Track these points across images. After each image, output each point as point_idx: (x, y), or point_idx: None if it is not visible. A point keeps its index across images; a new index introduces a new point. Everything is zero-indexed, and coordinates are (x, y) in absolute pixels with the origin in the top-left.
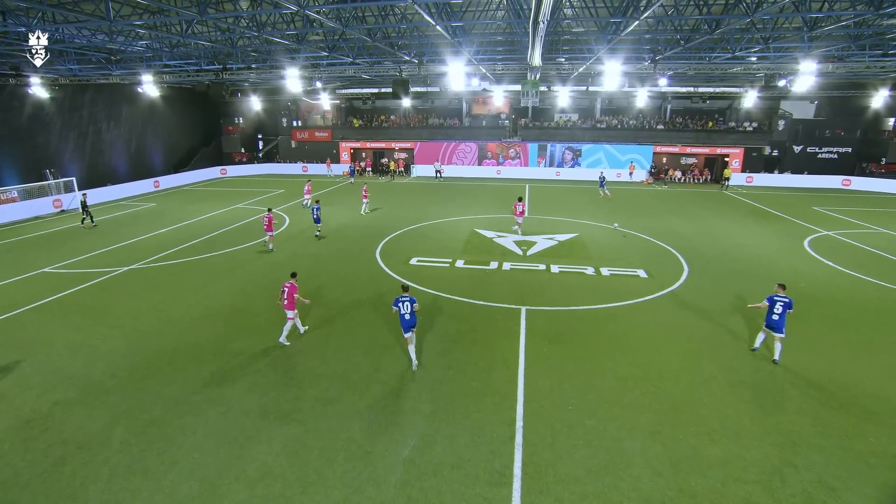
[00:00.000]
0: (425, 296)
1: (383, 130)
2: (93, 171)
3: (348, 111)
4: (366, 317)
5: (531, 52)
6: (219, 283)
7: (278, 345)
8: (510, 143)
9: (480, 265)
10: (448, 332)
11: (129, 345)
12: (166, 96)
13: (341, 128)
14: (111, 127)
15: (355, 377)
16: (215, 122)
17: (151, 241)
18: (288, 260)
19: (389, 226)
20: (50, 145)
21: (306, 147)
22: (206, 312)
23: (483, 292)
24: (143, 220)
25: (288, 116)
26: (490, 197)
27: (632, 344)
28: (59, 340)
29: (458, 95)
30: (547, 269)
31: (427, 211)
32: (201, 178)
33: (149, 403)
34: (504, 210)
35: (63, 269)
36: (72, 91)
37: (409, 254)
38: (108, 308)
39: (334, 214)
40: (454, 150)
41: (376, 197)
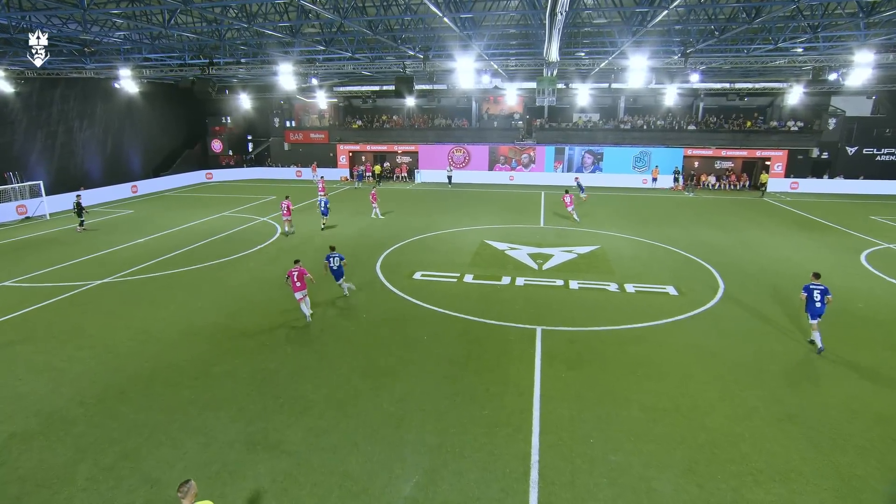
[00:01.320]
0: (430, 314)
1: (385, 132)
2: (63, 175)
3: (347, 111)
4: (364, 337)
5: (548, 47)
6: (202, 299)
7: (266, 368)
8: (524, 145)
9: (491, 280)
10: (455, 355)
11: (101, 367)
12: (146, 93)
13: (339, 129)
14: (84, 126)
15: (352, 403)
16: (200, 122)
17: (128, 252)
18: (278, 275)
19: (391, 236)
20: (14, 145)
21: (301, 150)
22: (188, 331)
23: (494, 310)
24: (120, 229)
25: (280, 116)
26: (502, 205)
27: (661, 370)
28: (20, 363)
29: (468, 94)
30: (565, 285)
31: (433, 220)
32: (184, 183)
33: (120, 434)
34: (517, 220)
35: (27, 282)
36: (40, 86)
37: (412, 267)
38: (77, 326)
39: (328, 226)
40: (467, 154)
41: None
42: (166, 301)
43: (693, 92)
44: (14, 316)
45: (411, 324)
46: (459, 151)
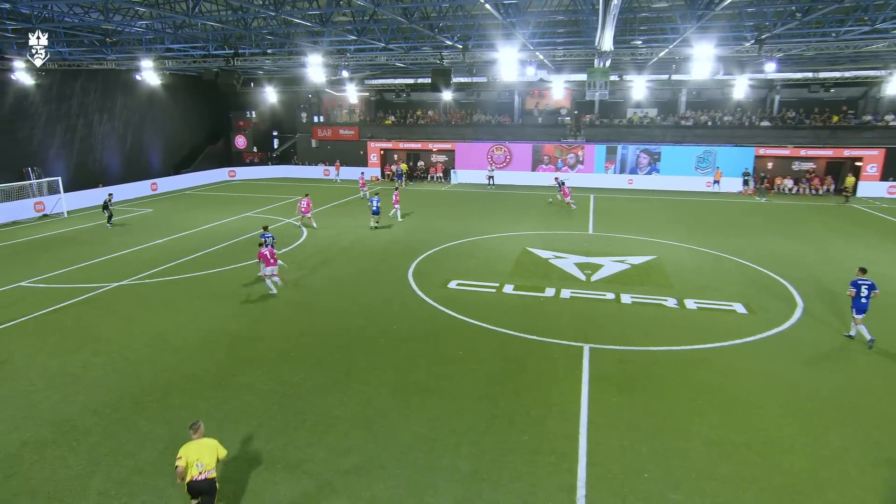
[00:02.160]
0: (466, 327)
1: (419, 128)
2: (81, 171)
3: (378, 105)
4: (394, 350)
5: (600, 35)
6: (223, 305)
7: (288, 381)
8: (572, 144)
9: (533, 291)
10: (493, 373)
11: (116, 375)
12: (168, 85)
13: (370, 125)
14: (104, 120)
15: (380, 422)
16: (224, 117)
17: (146, 254)
18: (304, 280)
19: (425, 241)
20: (33, 140)
21: (329, 147)
22: (207, 339)
23: (536, 324)
24: (138, 229)
25: (308, 111)
26: (546, 209)
27: (728, 398)
28: (34, 368)
29: (510, 87)
30: (616, 299)
31: (470, 224)
32: (206, 181)
33: (135, 446)
34: (563, 225)
35: (43, 283)
36: (60, 77)
37: (447, 275)
38: (93, 330)
39: (357, 227)
40: (508, 153)
41: (408, 207)
42: (185, 306)
43: (767, 83)
44: (30, 318)
45: (445, 337)
46: (500, 150)
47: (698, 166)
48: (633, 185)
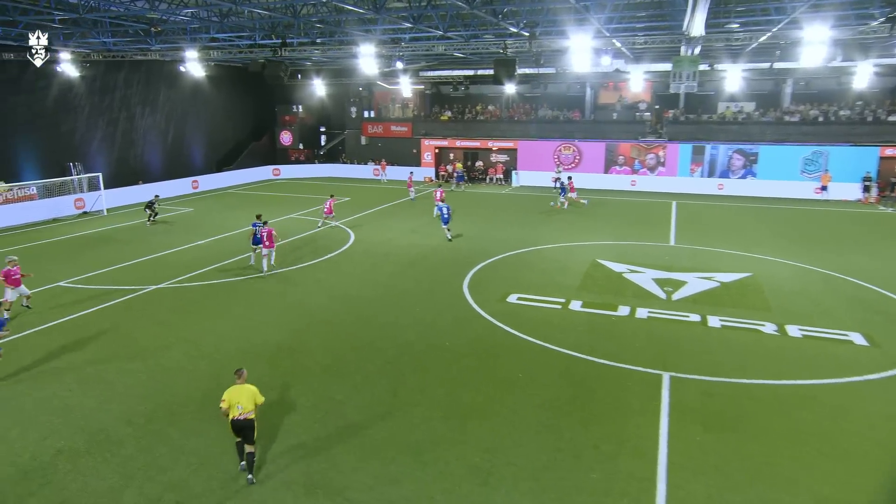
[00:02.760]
0: (527, 346)
1: (478, 125)
2: (121, 166)
3: (434, 100)
4: (446, 369)
5: (690, 18)
6: (264, 313)
7: (332, 398)
8: (651, 143)
9: (605, 309)
10: (557, 399)
11: (151, 383)
12: (213, 77)
13: (424, 121)
14: (146, 113)
15: (430, 449)
16: (269, 111)
17: (186, 255)
18: (350, 289)
19: (482, 250)
20: (76, 134)
21: (379, 144)
22: (247, 348)
23: (608, 347)
24: (178, 229)
25: (358, 105)
26: (620, 217)
27: (844, 446)
28: (70, 372)
29: (581, 79)
30: (702, 322)
31: (533, 232)
32: (249, 180)
33: (169, 461)
34: (639, 235)
35: (81, 283)
36: (104, 69)
37: (507, 288)
38: (129, 335)
39: (407, 233)
40: (577, 152)
41: (463, 213)
42: (223, 313)
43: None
44: (66, 320)
45: (504, 356)
46: (568, 149)
47: (805, 169)
48: (723, 191)
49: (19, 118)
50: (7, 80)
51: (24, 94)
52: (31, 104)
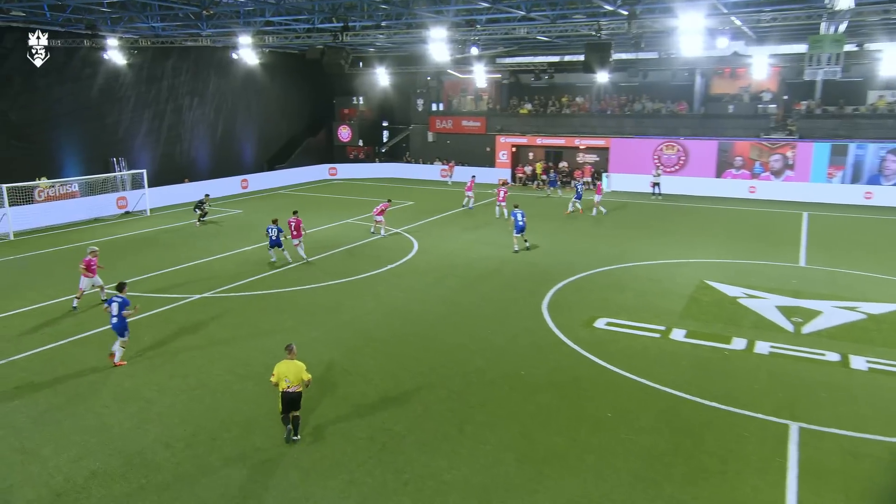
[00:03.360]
0: (618, 381)
1: (563, 119)
2: (167, 163)
3: (512, 90)
4: (521, 403)
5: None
6: (316, 328)
7: (389, 429)
8: (777, 141)
9: (715, 341)
10: (655, 447)
11: (192, 404)
12: (267, 65)
13: (500, 115)
14: (194, 104)
15: (500, 496)
16: (327, 104)
17: (232, 262)
18: (412, 305)
19: (564, 265)
20: (120, 127)
21: (448, 141)
22: None
23: (719, 387)
24: (226, 233)
25: (426, 98)
26: (736, 230)
27: None
28: (107, 387)
29: (690, 65)
30: (843, 362)
31: (627, 245)
32: (303, 179)
33: (208, 492)
34: (760, 253)
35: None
36: (151, 56)
37: (594, 311)
38: (170, 349)
39: (477, 243)
40: (683, 152)
41: (543, 221)
42: (272, 327)
43: None
44: (103, 330)
45: (589, 391)
46: (671, 149)
47: None
48: (872, 201)
49: (64, 109)
50: (53, 68)
51: (69, 82)
52: (76, 94)
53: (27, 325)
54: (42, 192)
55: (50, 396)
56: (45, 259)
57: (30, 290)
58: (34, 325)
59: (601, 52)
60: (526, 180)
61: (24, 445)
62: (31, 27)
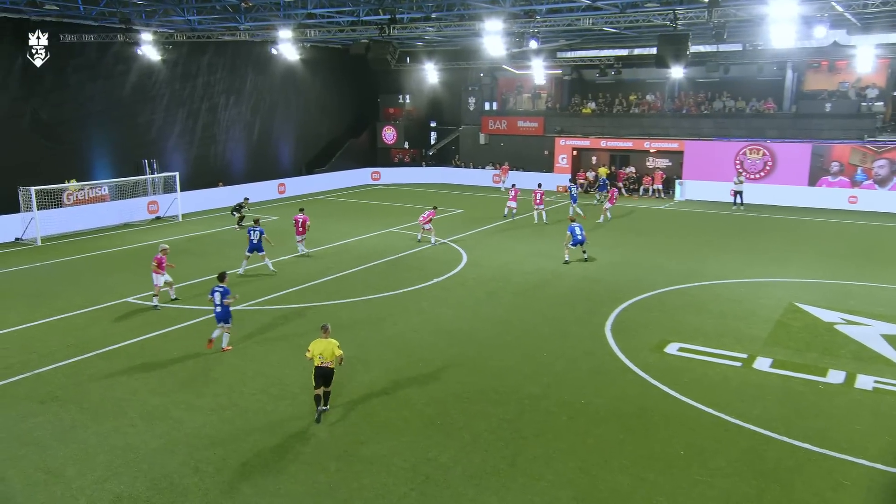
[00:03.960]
0: (692, 414)
1: (631, 120)
2: (200, 166)
3: (574, 88)
4: (580, 435)
5: None
6: (356, 346)
7: (434, 459)
8: (884, 145)
9: (807, 373)
10: (735, 491)
11: (223, 425)
12: (308, 61)
13: (560, 114)
14: (230, 103)
15: None
16: (371, 102)
17: (268, 273)
18: (460, 323)
19: (632, 282)
20: (153, 127)
21: (502, 143)
22: (334, 390)
23: (812, 426)
24: None
25: (478, 96)
26: (832, 245)
27: None
28: (135, 404)
29: (779, 58)
30: None
31: (703, 261)
32: (344, 184)
33: None
34: (861, 272)
35: (151, 300)
36: (187, 52)
37: (665, 334)
38: (201, 365)
39: (533, 256)
40: (769, 157)
41: (608, 233)
42: (308, 344)
43: None
44: (133, 342)
45: (659, 425)
46: (756, 153)
47: None
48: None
49: (95, 107)
50: (85, 65)
51: (101, 79)
52: (108, 92)
53: (53, 335)
54: (71, 196)
55: (75, 412)
56: (73, 266)
57: (56, 298)
58: (60, 336)
59: (677, 44)
60: (588, 187)
61: (48, 465)
62: (65, 21)
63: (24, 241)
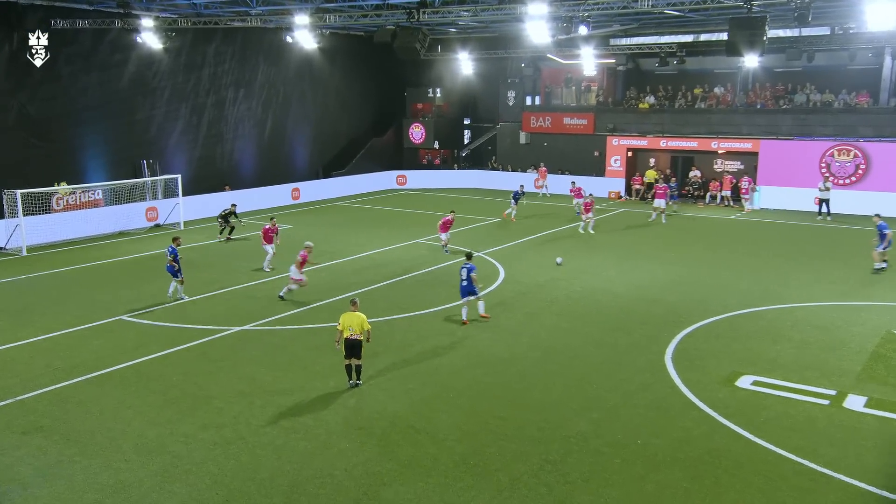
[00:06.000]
0: (772, 460)
1: (697, 116)
2: (205, 168)
3: (629, 79)
4: (638, 483)
5: None
6: (380, 375)
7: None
8: None
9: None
10: None
11: (227, 461)
12: (326, 50)
13: (614, 110)
14: (239, 97)
15: None
16: (397, 97)
17: (278, 287)
18: (497, 347)
19: (696, 302)
20: (153, 123)
21: (545, 143)
22: (352, 422)
23: None
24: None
25: (518, 89)
26: None
27: None
28: (129, 436)
29: (875, 42)
30: None
31: (782, 280)
32: (366, 189)
33: None
34: None
35: (147, 318)
36: (191, 39)
37: (736, 364)
38: (204, 392)
39: (580, 271)
40: (861, 159)
41: (668, 245)
42: (324, 370)
43: None
44: (127, 365)
45: (730, 472)
46: (846, 154)
47: None
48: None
49: (89, 102)
50: (79, 53)
51: (96, 70)
52: (103, 84)
53: (38, 357)
54: (61, 200)
55: (61, 445)
56: (62, 279)
57: (42, 315)
58: (46, 357)
59: (751, 28)
60: (644, 193)
61: None
62: (57, 5)
63: (8, 250)
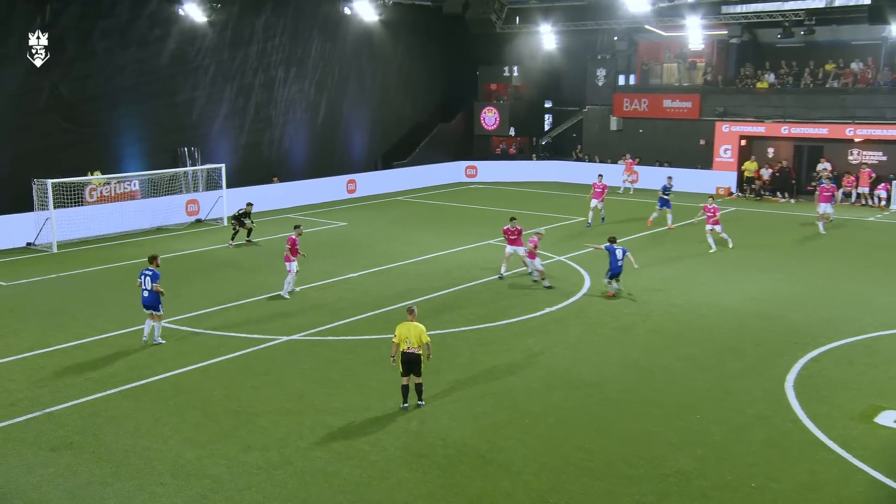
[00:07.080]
0: None
1: (827, 97)
2: (251, 157)
3: (743, 54)
4: None
5: None
6: (445, 395)
7: None
8: None
9: None
10: None
11: (273, 489)
12: (388, 23)
13: (724, 91)
14: (290, 77)
15: None
16: (468, 76)
17: (332, 293)
18: (579, 367)
19: (825, 321)
20: (194, 107)
21: (641, 130)
22: (413, 448)
23: None
24: (325, 252)
25: (610, 67)
26: None
27: None
28: (165, 457)
29: None
30: None
31: None
32: (430, 182)
33: None
34: None
35: (186, 324)
36: (238, 12)
37: (875, 397)
38: (247, 410)
39: (678, 280)
40: None
41: (792, 253)
42: (382, 388)
43: None
44: (165, 377)
45: None
46: None
47: None
48: None
49: (126, 81)
50: (115, 28)
51: (133, 47)
52: (141, 62)
53: (69, 366)
54: (94, 192)
55: (92, 465)
56: (94, 279)
57: (73, 320)
58: (77, 366)
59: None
60: (761, 189)
61: None
62: None
63: (37, 246)
